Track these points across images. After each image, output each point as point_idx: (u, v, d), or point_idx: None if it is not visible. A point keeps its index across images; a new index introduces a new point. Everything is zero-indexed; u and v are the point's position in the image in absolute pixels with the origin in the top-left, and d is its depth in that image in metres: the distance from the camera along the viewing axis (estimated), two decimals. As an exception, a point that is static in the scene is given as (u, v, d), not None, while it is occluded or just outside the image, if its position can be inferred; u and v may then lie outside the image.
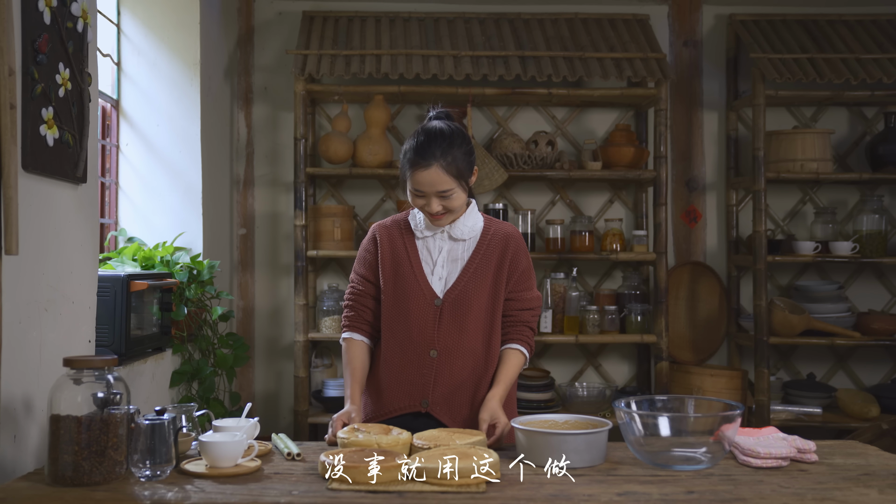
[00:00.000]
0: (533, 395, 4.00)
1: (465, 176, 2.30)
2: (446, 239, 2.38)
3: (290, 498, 1.75)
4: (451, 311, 2.32)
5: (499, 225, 2.42)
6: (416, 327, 2.33)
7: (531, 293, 2.41)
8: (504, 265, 2.36)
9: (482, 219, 2.43)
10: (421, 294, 2.34)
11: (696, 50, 4.46)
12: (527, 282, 2.41)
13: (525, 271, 2.40)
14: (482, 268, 2.35)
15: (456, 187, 2.27)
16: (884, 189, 4.38)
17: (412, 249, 2.39)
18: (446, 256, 2.37)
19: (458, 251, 2.38)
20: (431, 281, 2.35)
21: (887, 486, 1.82)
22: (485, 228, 2.41)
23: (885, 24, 4.28)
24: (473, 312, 2.33)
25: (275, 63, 4.38)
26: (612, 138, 4.15)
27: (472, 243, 2.38)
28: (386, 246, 2.40)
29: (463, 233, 2.38)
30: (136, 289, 2.92)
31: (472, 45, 4.07)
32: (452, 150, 2.26)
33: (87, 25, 2.35)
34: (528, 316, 2.40)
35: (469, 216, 2.39)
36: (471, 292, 2.33)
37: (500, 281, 2.36)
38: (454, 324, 2.32)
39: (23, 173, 2.04)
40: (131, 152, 3.77)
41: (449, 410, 2.33)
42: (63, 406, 1.84)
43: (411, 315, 2.34)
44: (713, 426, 1.96)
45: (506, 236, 2.39)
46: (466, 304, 2.32)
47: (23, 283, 2.05)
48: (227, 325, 3.93)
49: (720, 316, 4.38)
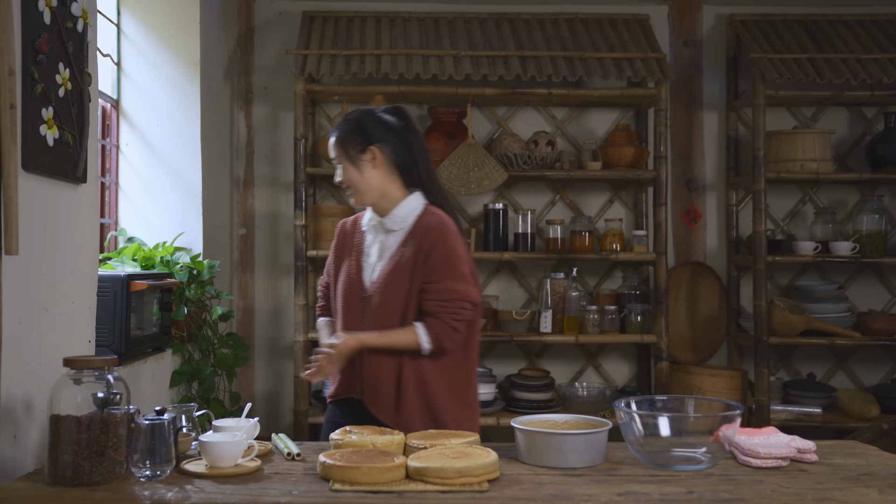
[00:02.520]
0: (533, 395, 4.00)
1: (354, 146, 2.41)
2: (381, 230, 2.46)
3: (290, 498, 1.75)
4: (375, 302, 2.39)
5: (429, 216, 2.41)
6: (346, 318, 2.44)
7: (442, 284, 2.33)
8: (420, 256, 2.36)
9: (421, 209, 2.44)
10: (352, 286, 2.44)
11: (696, 50, 4.46)
12: (441, 273, 2.33)
13: (440, 263, 2.34)
14: (403, 260, 2.38)
15: (343, 158, 2.43)
16: (884, 189, 4.38)
17: (359, 241, 2.50)
18: (379, 248, 2.45)
19: (389, 242, 2.44)
20: (364, 273, 2.44)
21: (887, 486, 1.82)
22: (416, 220, 2.42)
23: (885, 24, 4.28)
24: (391, 304, 2.37)
25: (275, 63, 4.38)
26: (612, 138, 4.15)
27: (402, 235, 2.42)
28: (340, 241, 2.55)
29: (394, 223, 2.43)
30: (136, 289, 2.92)
31: (472, 45, 4.07)
32: (341, 124, 2.45)
33: (87, 25, 2.35)
34: (436, 306, 2.32)
35: (403, 207, 2.43)
36: (389, 284, 2.37)
37: (416, 272, 2.35)
38: (376, 315, 2.38)
39: (23, 173, 2.04)
40: (131, 152, 3.77)
41: (375, 399, 2.38)
42: (63, 406, 1.84)
43: (344, 307, 2.45)
44: (713, 426, 1.96)
45: (426, 227, 2.38)
46: (386, 296, 2.37)
47: (23, 283, 2.05)
48: (227, 325, 3.93)
49: (720, 316, 4.38)
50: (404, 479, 1.84)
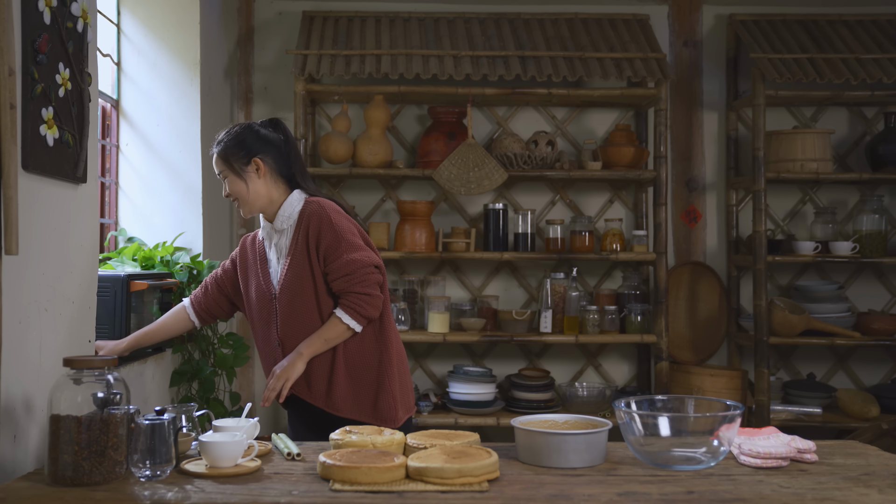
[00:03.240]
0: (533, 395, 4.00)
1: (236, 159, 2.50)
2: (273, 234, 2.54)
3: (290, 498, 1.75)
4: (284, 302, 2.47)
5: (308, 206, 2.48)
6: (262, 323, 2.54)
7: (339, 261, 2.40)
8: (311, 244, 2.44)
9: (302, 204, 2.51)
10: (263, 293, 2.52)
11: (696, 50, 4.46)
12: (335, 252, 2.41)
13: (331, 244, 2.41)
14: (298, 253, 2.46)
15: (227, 171, 2.51)
16: (884, 189, 4.38)
17: (261, 252, 2.58)
18: (276, 250, 2.54)
19: (283, 242, 2.52)
20: (272, 277, 2.53)
21: (887, 486, 1.82)
22: (300, 214, 2.49)
23: (885, 24, 4.28)
24: (301, 298, 2.44)
25: (275, 63, 4.38)
26: (612, 138, 4.15)
27: (291, 231, 2.50)
28: (242, 256, 2.64)
29: (282, 222, 2.51)
30: (136, 289, 2.92)
31: (472, 45, 4.07)
32: (223, 139, 2.53)
33: (87, 25, 2.35)
34: (343, 283, 2.41)
35: (287, 206, 2.51)
36: (294, 280, 2.45)
37: (314, 262, 2.44)
38: (289, 313, 2.46)
39: (23, 173, 2.04)
40: (131, 152, 3.77)
41: (309, 391, 2.47)
42: (63, 406, 1.84)
43: (259, 315, 2.54)
44: (713, 426, 1.96)
45: (308, 216, 2.46)
46: (293, 292, 2.45)
47: (23, 283, 2.05)
48: (227, 324, 3.93)
49: (720, 316, 4.38)
50: (404, 479, 1.84)
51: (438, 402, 4.10)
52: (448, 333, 3.98)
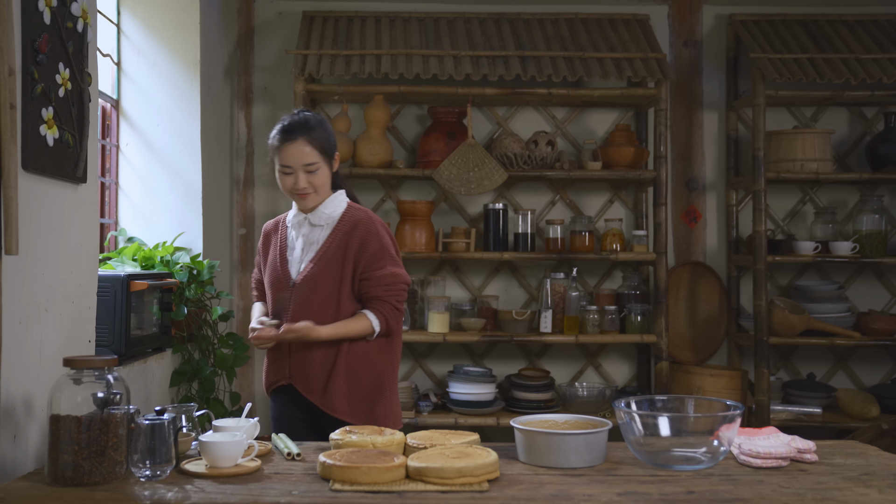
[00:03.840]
0: (533, 395, 4.00)
1: (328, 152, 2.53)
2: (306, 225, 2.58)
3: (290, 498, 1.75)
4: (301, 292, 2.50)
5: (354, 211, 2.57)
6: (276, 309, 2.58)
7: (383, 271, 2.49)
8: (351, 250, 2.50)
9: (345, 205, 2.59)
10: (279, 278, 2.56)
11: (696, 50, 4.46)
12: (378, 262, 2.50)
13: (375, 253, 2.50)
14: (332, 252, 2.51)
15: (320, 162, 2.50)
16: (884, 189, 4.38)
17: (283, 238, 2.63)
18: (304, 241, 2.57)
19: (315, 236, 2.56)
20: (291, 265, 2.56)
21: (887, 486, 1.82)
22: (342, 215, 2.56)
23: (885, 24, 4.28)
24: (320, 294, 2.49)
25: (275, 63, 4.38)
26: (612, 138, 4.15)
27: (328, 229, 2.55)
28: (265, 241, 2.68)
29: (321, 219, 2.56)
30: (136, 289, 2.92)
31: (472, 45, 4.07)
32: (315, 128, 2.51)
33: (87, 25, 2.36)
34: (380, 291, 2.49)
35: (329, 204, 2.57)
36: (318, 275, 2.49)
37: (346, 264, 2.49)
38: (303, 304, 2.49)
39: (23, 173, 2.04)
40: (131, 152, 3.77)
41: (305, 384, 2.51)
42: (63, 406, 1.84)
43: (273, 299, 2.58)
44: (713, 426, 1.96)
45: (355, 222, 2.53)
46: (313, 287, 2.49)
47: (23, 283, 2.05)
48: (227, 324, 3.93)
49: (720, 316, 4.38)
50: (404, 479, 1.84)
51: (438, 402, 4.10)
52: (448, 333, 3.98)
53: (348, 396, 2.49)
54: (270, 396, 2.62)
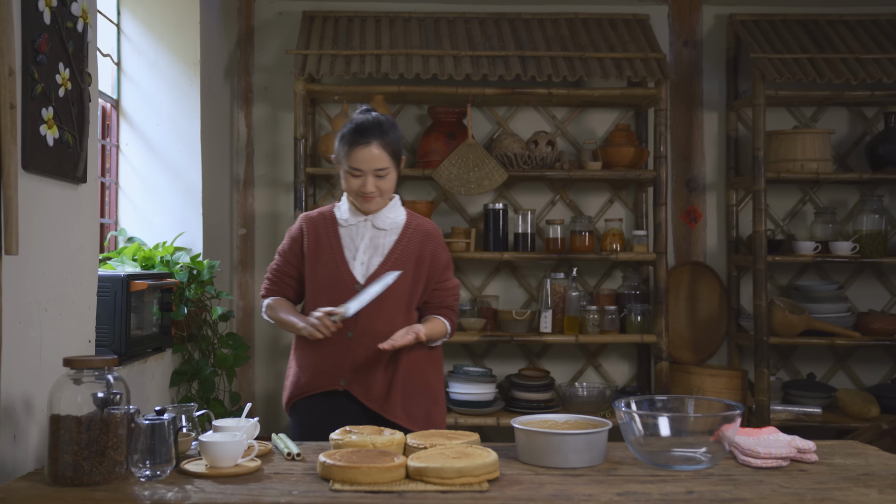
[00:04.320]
0: (533, 395, 4.00)
1: (398, 156, 2.51)
2: (369, 227, 2.55)
3: (290, 498, 1.75)
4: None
5: (420, 220, 2.61)
6: (329, 305, 2.44)
7: (452, 282, 2.62)
8: (424, 259, 2.54)
9: (405, 212, 2.61)
10: (341, 278, 2.49)
11: (696, 50, 4.46)
12: (447, 273, 2.61)
13: (446, 264, 2.61)
14: (403, 257, 2.52)
15: (391, 167, 2.48)
16: (884, 189, 4.38)
17: (335, 237, 2.55)
18: (368, 243, 2.53)
19: (380, 239, 2.54)
20: (353, 266, 2.51)
21: (887, 486, 1.82)
22: (407, 222, 2.58)
23: (885, 24, 4.28)
24: (392, 298, 2.47)
25: (275, 63, 4.38)
26: (612, 138, 4.15)
27: (395, 234, 2.55)
28: (311, 234, 2.57)
29: (385, 223, 2.55)
30: (136, 289, 2.92)
31: (472, 45, 4.07)
32: (388, 132, 2.48)
33: (87, 25, 2.35)
34: (451, 301, 2.62)
35: (392, 209, 2.57)
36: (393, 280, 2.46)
37: (420, 272, 2.53)
38: (371, 308, 2.44)
39: (23, 173, 2.04)
40: (131, 152, 3.77)
41: (365, 389, 2.48)
42: (63, 406, 1.84)
43: (331, 299, 2.46)
44: (713, 426, 1.96)
45: (427, 233, 2.58)
46: (385, 291, 2.44)
47: (23, 283, 2.05)
48: (227, 325, 3.93)
49: (720, 316, 4.38)
50: (404, 479, 1.84)
51: (438, 402, 4.10)
52: (448, 333, 3.97)
53: (403, 404, 2.49)
54: (301, 402, 2.54)
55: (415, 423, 2.47)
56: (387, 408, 2.47)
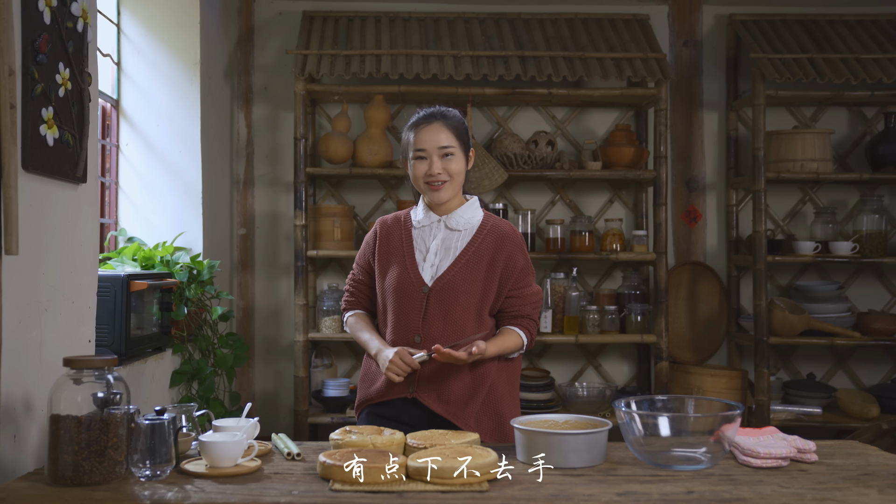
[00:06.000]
0: (533, 395, 4.00)
1: (464, 141, 2.42)
2: (442, 228, 2.44)
3: (290, 498, 1.75)
4: (438, 299, 2.36)
5: (497, 221, 2.46)
6: (402, 314, 2.39)
7: (531, 289, 2.45)
8: (498, 262, 2.39)
9: (482, 214, 2.47)
10: (409, 282, 2.38)
11: (696, 50, 4.46)
12: (526, 279, 2.44)
13: (524, 269, 2.43)
14: (475, 260, 2.38)
15: (456, 147, 2.38)
16: (884, 189, 4.38)
17: (407, 239, 2.45)
18: (440, 245, 2.42)
19: (453, 240, 2.42)
20: (422, 269, 2.40)
21: (887, 486, 1.82)
22: (482, 223, 2.45)
23: (885, 24, 4.28)
24: (461, 302, 2.36)
25: (275, 63, 4.38)
26: (612, 138, 4.15)
27: (468, 235, 2.42)
28: (384, 238, 2.48)
29: (459, 223, 2.43)
30: (136, 289, 2.92)
31: (472, 45, 4.07)
32: (452, 117, 2.42)
33: (87, 25, 2.35)
34: (530, 309, 2.45)
35: (467, 209, 2.45)
36: (460, 282, 2.36)
37: (492, 276, 2.38)
38: (440, 312, 2.36)
39: (23, 173, 2.05)
40: (131, 152, 3.77)
41: (436, 397, 2.36)
42: (63, 406, 1.83)
43: (399, 302, 2.39)
44: (713, 426, 1.96)
45: (502, 235, 2.42)
46: (454, 294, 2.35)
47: (23, 283, 2.05)
48: (226, 325, 3.93)
49: (720, 316, 4.38)
50: (404, 479, 1.84)
51: (438, 402, 4.10)
52: (448, 333, 3.97)
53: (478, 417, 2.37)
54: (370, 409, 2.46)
55: (486, 434, 2.36)
56: (459, 415, 2.35)
